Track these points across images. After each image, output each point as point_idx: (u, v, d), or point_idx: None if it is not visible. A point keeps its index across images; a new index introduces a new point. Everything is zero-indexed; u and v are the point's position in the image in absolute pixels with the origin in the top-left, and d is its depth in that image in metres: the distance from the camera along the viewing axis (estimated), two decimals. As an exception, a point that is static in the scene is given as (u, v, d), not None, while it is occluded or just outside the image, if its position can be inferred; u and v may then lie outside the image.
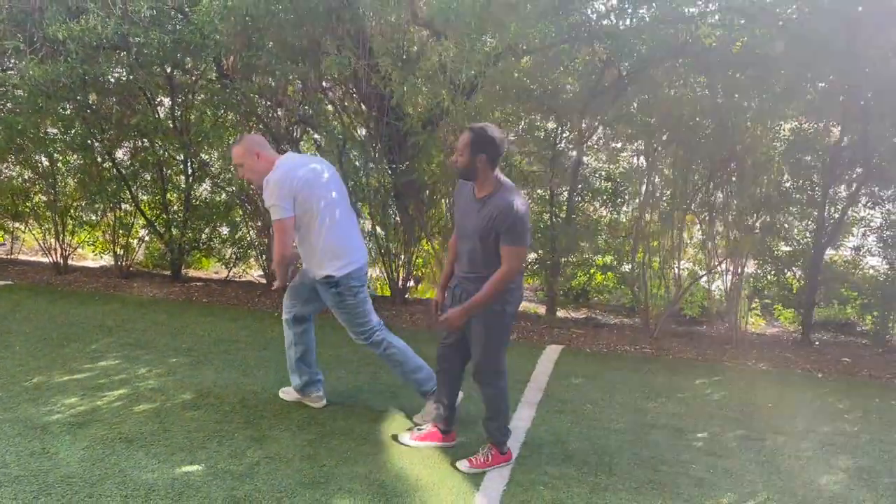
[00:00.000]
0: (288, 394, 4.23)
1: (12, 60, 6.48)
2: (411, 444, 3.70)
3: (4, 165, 7.35)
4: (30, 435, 3.58)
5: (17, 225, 7.90)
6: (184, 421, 3.83)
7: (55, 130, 6.83)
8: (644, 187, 6.09)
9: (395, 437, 3.76)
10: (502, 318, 3.37)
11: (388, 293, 6.94)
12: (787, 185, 6.08)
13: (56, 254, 7.36)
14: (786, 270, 6.29)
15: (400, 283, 6.75)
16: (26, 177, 7.43)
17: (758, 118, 5.62)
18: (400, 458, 3.55)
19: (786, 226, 6.20)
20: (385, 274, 6.79)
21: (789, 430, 4.09)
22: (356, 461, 3.49)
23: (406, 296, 6.84)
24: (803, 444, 3.90)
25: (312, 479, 3.30)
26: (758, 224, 6.02)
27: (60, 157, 7.07)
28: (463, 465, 3.50)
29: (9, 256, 8.00)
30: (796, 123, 5.98)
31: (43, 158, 7.14)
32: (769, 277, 6.37)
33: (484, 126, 3.29)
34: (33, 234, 7.76)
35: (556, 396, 4.48)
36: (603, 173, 6.68)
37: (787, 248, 6.28)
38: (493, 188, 3.29)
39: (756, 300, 6.59)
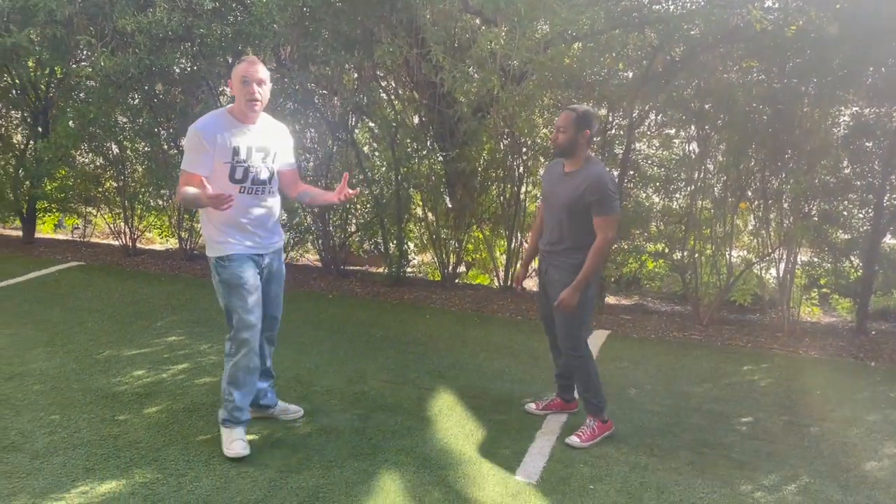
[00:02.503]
0: None
1: (85, 52, 6.83)
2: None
3: (78, 153, 7.75)
4: (101, 403, 3.85)
5: (89, 209, 8.33)
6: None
7: (124, 119, 7.18)
8: (697, 174, 6.03)
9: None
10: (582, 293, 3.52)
11: (438, 278, 7.07)
12: (846, 171, 5.94)
13: (125, 237, 7.74)
14: (843, 259, 6.15)
15: (450, 268, 6.87)
16: (98, 164, 7.81)
17: (816, 103, 5.51)
18: (444, 434, 3.68)
19: (844, 213, 6.06)
20: (436, 259, 6.92)
21: (836, 417, 4.05)
22: (403, 435, 3.64)
23: (456, 281, 6.96)
24: (850, 431, 3.86)
25: (360, 451, 3.46)
26: (815, 211, 5.91)
27: (129, 145, 7.41)
28: (573, 440, 3.61)
29: (82, 239, 8.45)
30: (856, 109, 5.83)
31: (113, 146, 7.50)
32: (825, 266, 6.24)
33: (584, 106, 3.60)
34: (104, 219, 8.18)
35: (600, 380, 4.53)
36: (655, 159, 6.64)
37: (845, 236, 6.14)
38: (583, 163, 3.52)
39: (814, 290, 6.47)
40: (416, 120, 6.56)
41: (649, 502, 3.10)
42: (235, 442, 3.33)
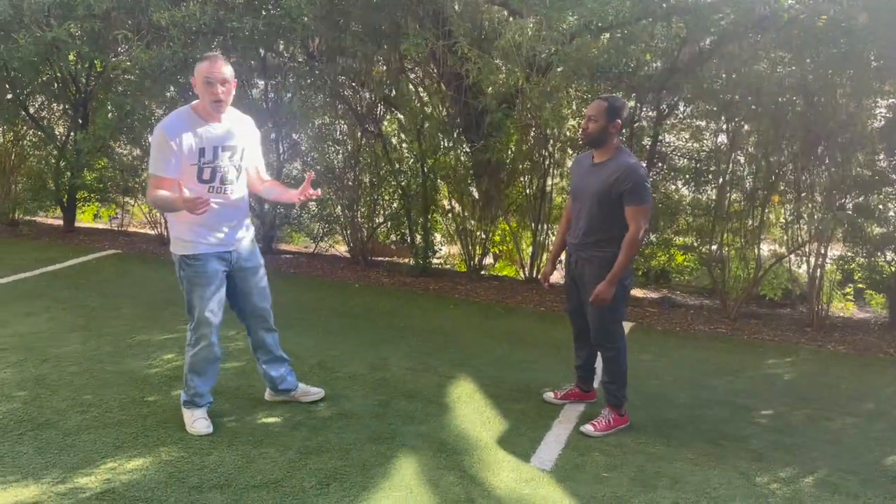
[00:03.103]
0: None
1: (123, 46, 7.02)
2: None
3: (116, 144, 7.96)
4: (132, 385, 3.98)
5: (127, 199, 8.56)
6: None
7: (161, 111, 7.35)
8: (726, 166, 5.97)
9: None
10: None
11: (463, 269, 7.12)
12: (882, 164, 5.82)
13: (160, 226, 7.93)
14: (877, 253, 6.03)
15: (476, 259, 6.91)
16: (135, 155, 8.02)
17: (851, 95, 5.41)
18: (462, 420, 3.73)
19: (879, 207, 5.94)
20: (463, 250, 6.97)
21: (860, 412, 4.00)
22: (421, 421, 3.70)
23: (482, 272, 7.00)
24: (874, 426, 3.81)
25: (379, 435, 3.53)
26: (849, 204, 5.80)
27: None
28: (587, 429, 3.64)
29: (119, 228, 8.68)
30: (893, 100, 5.70)
31: (150, 137, 7.67)
32: (859, 260, 6.12)
33: (615, 96, 3.61)
34: (141, 208, 8.39)
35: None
36: (685, 151, 6.58)
37: (880, 230, 6.01)
38: (613, 153, 3.50)
39: (849, 285, 6.36)
40: (442, 112, 6.60)
41: (663, 491, 3.11)
42: (197, 421, 3.48)
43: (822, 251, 5.66)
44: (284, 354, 3.82)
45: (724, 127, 5.99)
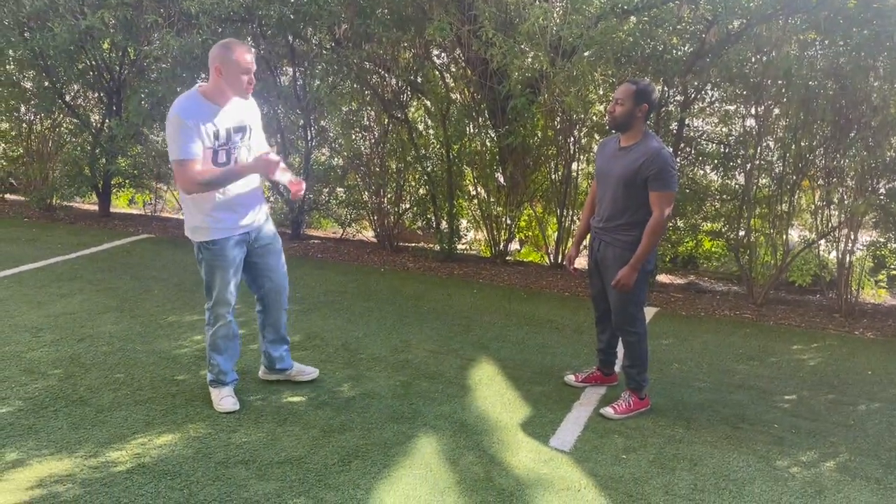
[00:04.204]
0: None
1: (155, 35, 7.14)
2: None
3: (150, 131, 8.11)
4: (162, 364, 4.10)
5: (160, 185, 8.74)
6: (292, 359, 4.23)
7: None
8: (754, 150, 5.89)
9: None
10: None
11: (488, 254, 7.14)
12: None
13: (191, 212, 8.07)
14: (910, 239, 5.92)
15: (501, 245, 6.93)
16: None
17: (883, 78, 5.29)
18: (483, 402, 3.78)
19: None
20: (488, 236, 6.99)
21: (885, 397, 3.96)
22: (442, 402, 3.76)
23: (507, 258, 7.02)
24: (898, 412, 3.78)
25: (401, 415, 3.60)
26: (882, 189, 5.70)
27: (196, 123, 7.69)
28: (607, 411, 3.67)
29: (153, 213, 8.87)
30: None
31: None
32: (892, 246, 6.02)
33: (644, 79, 3.58)
34: (174, 194, 8.55)
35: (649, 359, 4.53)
36: (714, 136, 6.51)
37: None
38: (640, 137, 3.49)
39: (882, 272, 6.25)
40: (468, 97, 6.60)
41: (681, 473, 3.13)
42: (224, 399, 3.58)
43: (853, 237, 5.57)
44: (286, 336, 3.90)
45: (753, 111, 5.91)
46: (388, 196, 7.26)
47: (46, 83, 7.84)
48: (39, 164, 8.39)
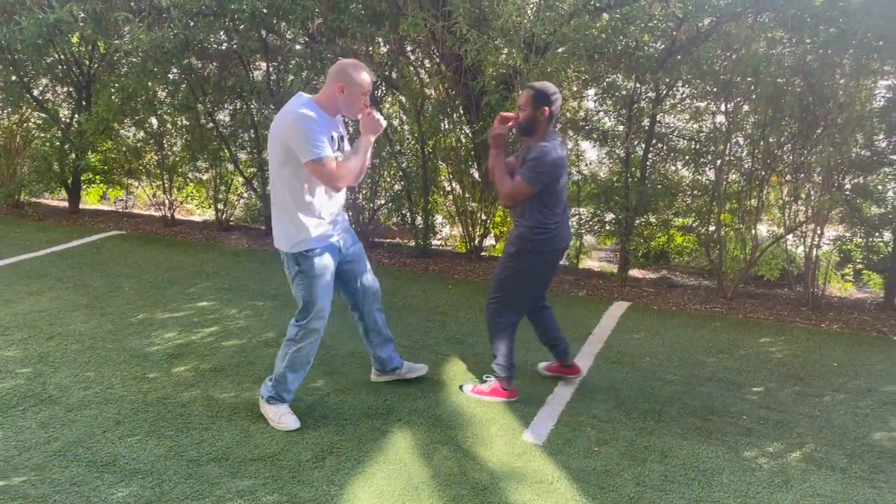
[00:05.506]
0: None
1: (125, 28, 7.05)
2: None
3: (120, 127, 8.01)
4: (133, 362, 4.07)
5: (131, 181, 8.63)
6: (266, 356, 4.23)
7: (164, 94, 7.39)
8: (724, 146, 5.98)
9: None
10: (513, 259, 3.63)
11: (463, 250, 7.17)
12: (882, 144, 5.83)
13: (165, 208, 8.01)
14: (875, 234, 6.05)
15: (476, 240, 6.96)
16: (139, 137, 8.07)
17: (849, 75, 5.40)
18: (457, 397, 3.80)
19: (878, 187, 5.95)
20: (464, 231, 7.01)
21: (850, 388, 4.05)
22: (416, 397, 3.77)
23: (482, 253, 7.04)
24: (862, 402, 3.86)
25: (375, 410, 3.61)
26: (848, 185, 5.81)
27: (169, 119, 7.63)
28: (467, 388, 3.84)
29: (124, 210, 8.76)
30: (893, 81, 5.69)
31: (153, 120, 7.74)
32: (857, 241, 6.15)
33: (544, 83, 3.53)
34: (145, 191, 8.46)
35: (615, 349, 4.60)
36: (685, 132, 6.58)
37: (879, 211, 6.03)
38: (542, 139, 3.49)
39: (848, 266, 6.38)
40: (442, 93, 6.61)
41: (652, 465, 3.18)
42: (284, 416, 3.44)
43: (820, 231, 5.68)
44: (391, 334, 3.89)
45: (723, 108, 5.99)
46: (364, 192, 7.25)
47: (14, 77, 7.71)
48: (7, 160, 8.24)
